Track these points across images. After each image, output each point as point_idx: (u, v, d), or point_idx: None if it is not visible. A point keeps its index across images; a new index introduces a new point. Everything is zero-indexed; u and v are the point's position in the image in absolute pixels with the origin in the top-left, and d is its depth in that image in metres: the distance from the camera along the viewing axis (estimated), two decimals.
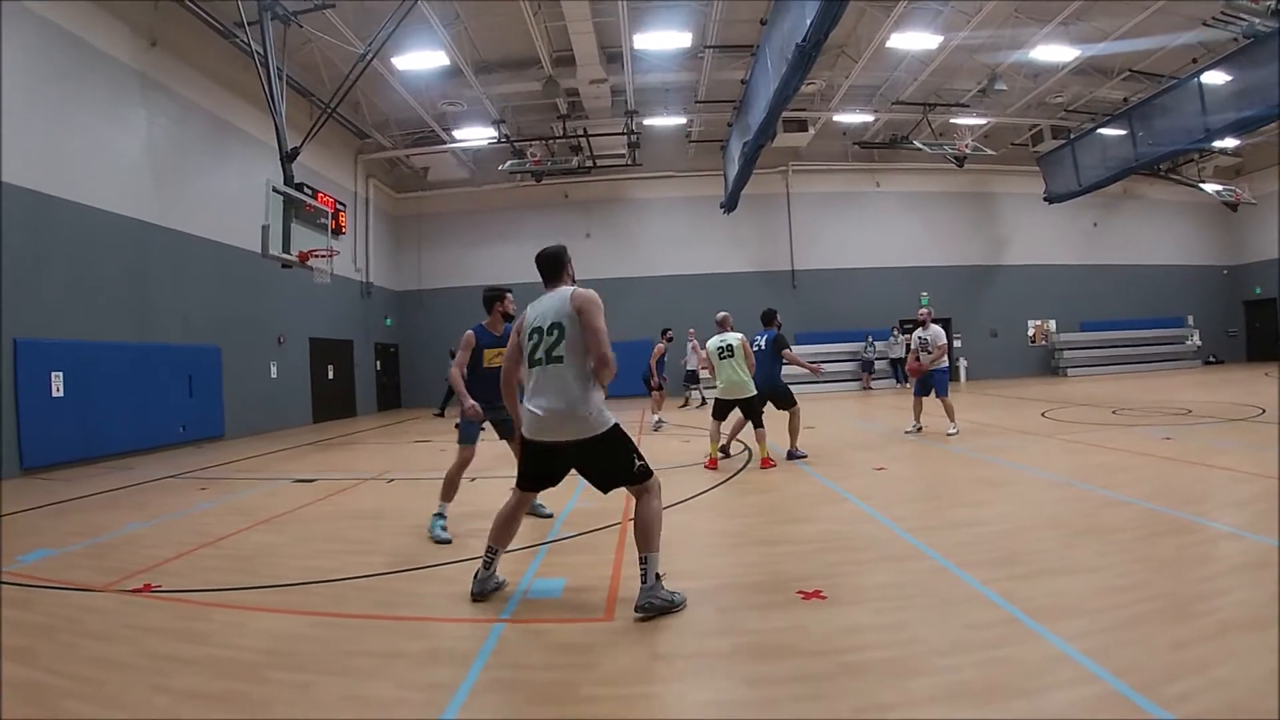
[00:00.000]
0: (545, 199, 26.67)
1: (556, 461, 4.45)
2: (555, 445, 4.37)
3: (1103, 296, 28.31)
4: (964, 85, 21.81)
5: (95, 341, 12.27)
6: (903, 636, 3.83)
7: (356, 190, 23.81)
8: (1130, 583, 4.39)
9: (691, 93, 22.07)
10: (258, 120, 16.76)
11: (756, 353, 10.04)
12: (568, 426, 4.29)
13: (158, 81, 14.37)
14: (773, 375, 10.09)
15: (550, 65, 19.28)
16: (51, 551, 6.23)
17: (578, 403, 4.27)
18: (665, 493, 8.02)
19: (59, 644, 4.08)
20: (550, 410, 4.30)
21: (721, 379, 9.75)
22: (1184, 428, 10.93)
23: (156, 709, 3.29)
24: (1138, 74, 20.73)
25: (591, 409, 4.29)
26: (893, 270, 27.00)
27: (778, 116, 14.69)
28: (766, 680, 3.44)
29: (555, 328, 4.37)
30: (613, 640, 4.00)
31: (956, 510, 6.72)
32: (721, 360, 9.70)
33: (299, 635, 4.19)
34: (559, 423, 4.30)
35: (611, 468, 4.42)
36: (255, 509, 8.11)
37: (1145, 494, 6.65)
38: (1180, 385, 18.78)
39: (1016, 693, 3.14)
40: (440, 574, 5.40)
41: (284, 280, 16.56)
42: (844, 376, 25.44)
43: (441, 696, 3.34)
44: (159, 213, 14.27)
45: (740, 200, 22.22)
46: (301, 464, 11.98)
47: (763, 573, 5.08)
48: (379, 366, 24.68)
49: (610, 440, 4.36)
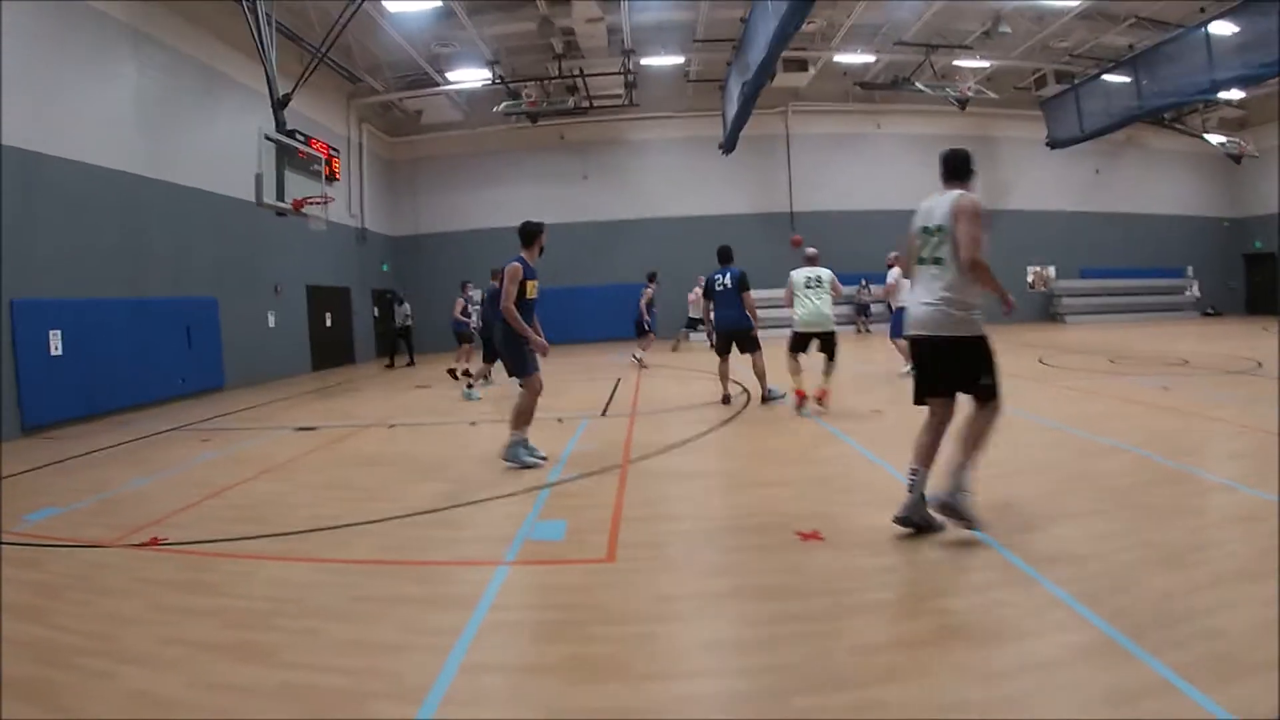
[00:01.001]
0: (541, 141, 26.29)
1: (939, 361, 4.52)
2: (928, 340, 4.49)
3: (1103, 244, 28.11)
4: (967, 26, 21.38)
5: (92, 298, 12.19)
6: (898, 578, 3.91)
7: (350, 135, 23.47)
8: (1123, 530, 4.46)
9: (689, 32, 21.66)
10: (248, 68, 16.43)
11: (721, 292, 10.03)
12: (939, 324, 4.41)
13: (146, 33, 14.05)
14: (741, 316, 9.98)
15: (545, 4, 18.89)
16: (58, 509, 6.27)
17: (949, 304, 4.37)
18: (664, 434, 8.17)
19: (70, 601, 4.15)
20: (925, 307, 4.45)
21: (805, 311, 9.52)
22: (1181, 378, 10.98)
23: (168, 661, 3.36)
24: (1144, 21, 20.27)
25: (960, 310, 4.38)
26: (893, 213, 26.55)
27: (777, 56, 14.45)
28: (765, 620, 3.52)
29: (939, 230, 4.47)
30: (615, 581, 4.08)
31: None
32: (807, 290, 9.50)
33: (305, 582, 4.27)
34: (931, 320, 4.43)
35: (963, 373, 4.47)
36: (258, 459, 8.18)
37: (1140, 442, 6.71)
38: (1178, 336, 18.79)
39: (1009, 636, 3.22)
40: (443, 519, 5.48)
41: (279, 229, 16.42)
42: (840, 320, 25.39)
43: (447, 639, 3.41)
44: (151, 165, 14.07)
45: (739, 141, 21.95)
46: (303, 412, 12.05)
47: (762, 514, 5.15)
48: (376, 313, 24.64)
49: (971, 347, 4.43)
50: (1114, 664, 2.90)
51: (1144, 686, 2.73)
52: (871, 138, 26.89)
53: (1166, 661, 2.85)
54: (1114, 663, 2.91)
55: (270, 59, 12.45)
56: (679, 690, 2.99)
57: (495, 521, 5.39)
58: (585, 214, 26.37)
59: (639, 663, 3.21)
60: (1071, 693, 2.76)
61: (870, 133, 26.87)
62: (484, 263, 25.48)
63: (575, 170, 26.60)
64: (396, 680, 3.11)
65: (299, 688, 3.07)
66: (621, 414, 10.01)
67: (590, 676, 3.09)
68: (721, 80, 22.02)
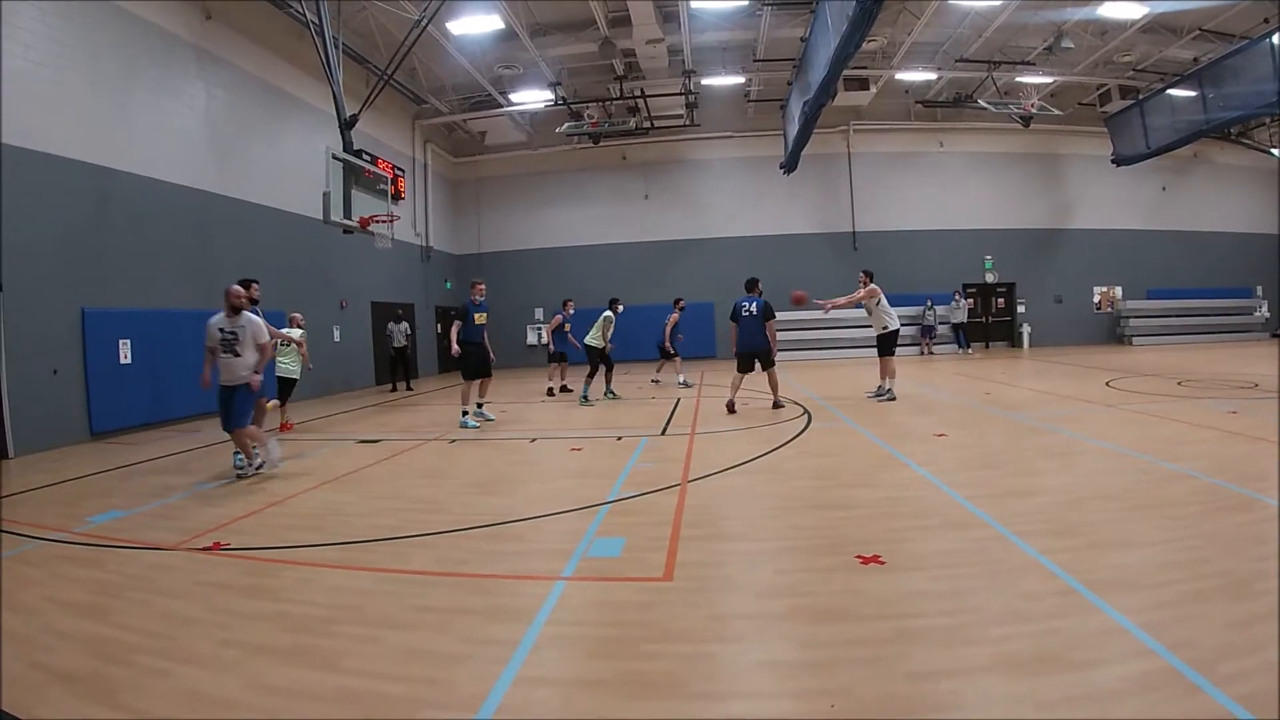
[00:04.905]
0: (603, 161, 26.55)
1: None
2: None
3: (1170, 263, 27.24)
4: (1029, 43, 21.01)
5: (161, 309, 12.62)
6: (959, 604, 3.81)
7: (415, 156, 23.99)
8: (1190, 558, 4.29)
9: (750, 51, 21.64)
10: (315, 89, 16.98)
11: (747, 318, 11.42)
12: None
13: (214, 54, 14.59)
14: (763, 339, 11.39)
15: (606, 26, 19.09)
16: (121, 512, 6.47)
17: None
18: (723, 454, 8.13)
19: (130, 601, 4.26)
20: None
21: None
22: (1250, 401, 10.55)
23: (226, 662, 3.42)
24: (1207, 33, 19.74)
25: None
26: (956, 233, 26.38)
27: (838, 75, 14.34)
28: (822, 643, 3.45)
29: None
30: (671, 600, 4.04)
31: (1017, 479, 6.61)
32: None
33: (365, 591, 4.32)
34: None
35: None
36: (321, 469, 8.33)
37: (1208, 468, 6.46)
38: (1247, 358, 18.08)
39: (1071, 664, 3.10)
40: (502, 532, 5.50)
41: (345, 246, 16.78)
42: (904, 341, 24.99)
43: (504, 651, 3.42)
44: (220, 182, 14.57)
45: (800, 160, 21.83)
46: (365, 425, 12.24)
47: (821, 537, 5.07)
48: (439, 329, 24.97)
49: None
50: (1177, 695, 2.79)
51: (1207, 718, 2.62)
52: (934, 156, 26.52)
53: (1231, 694, 2.74)
54: (1177, 694, 2.80)
55: (337, 80, 12.76)
56: (732, 710, 2.94)
57: (554, 537, 5.39)
58: (647, 234, 26.52)
59: (693, 681, 3.16)
60: None
61: (933, 151, 26.51)
62: (547, 282, 26.04)
63: (637, 190, 26.76)
64: (452, 689, 3.12)
65: (355, 693, 3.10)
66: (681, 432, 9.97)
67: (644, 693, 3.07)
68: (782, 100, 22.00)
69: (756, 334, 11.37)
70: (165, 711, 2.99)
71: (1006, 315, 27.25)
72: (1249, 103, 17.61)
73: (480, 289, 11.84)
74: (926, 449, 8.11)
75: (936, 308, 24.89)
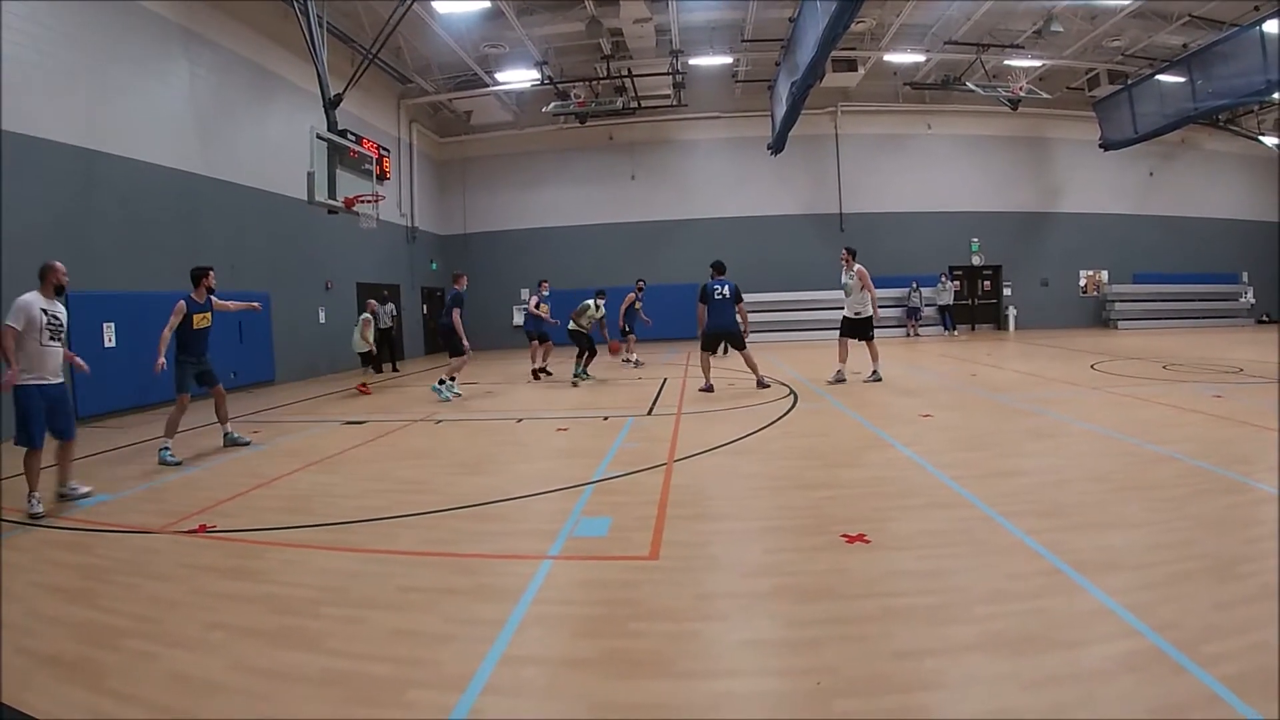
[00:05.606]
0: (590, 141, 26.39)
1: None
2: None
3: (1156, 248, 27.37)
4: (1019, 26, 20.96)
5: (146, 292, 12.47)
6: (945, 584, 3.83)
7: (400, 135, 23.80)
8: (1175, 540, 4.33)
9: (738, 31, 21.54)
10: (300, 69, 16.78)
11: (720, 300, 11.49)
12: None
13: (199, 34, 14.39)
14: (734, 321, 11.58)
15: (593, 5, 18.93)
16: (108, 496, 6.46)
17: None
18: (709, 434, 8.14)
19: (118, 584, 4.25)
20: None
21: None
22: (1235, 386, 10.64)
23: (213, 644, 3.42)
24: (1197, 19, 19.78)
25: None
26: (943, 215, 26.39)
27: (827, 56, 14.27)
28: (808, 621, 3.47)
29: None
30: (657, 579, 4.05)
31: (1003, 460, 6.66)
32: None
33: (351, 572, 4.32)
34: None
35: None
36: (307, 451, 8.31)
37: (1194, 451, 6.51)
38: (1232, 343, 18.19)
39: (1056, 644, 3.13)
40: (489, 512, 5.51)
41: (331, 226, 16.69)
42: (890, 323, 25.04)
43: (490, 631, 3.43)
44: (205, 164, 14.41)
45: (788, 141, 21.75)
46: (351, 406, 12.19)
47: (807, 516, 5.09)
48: (425, 310, 24.89)
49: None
50: (1162, 675, 2.82)
51: (1192, 699, 2.65)
52: (922, 138, 26.48)
53: (1215, 674, 2.77)
54: (1162, 674, 2.83)
55: (321, 59, 12.66)
56: (718, 688, 2.96)
57: (540, 516, 5.40)
58: (633, 214, 26.43)
59: (679, 660, 3.19)
60: (1117, 703, 2.67)
61: (921, 133, 26.47)
62: (533, 262, 25.89)
63: (623, 170, 26.64)
64: (437, 669, 3.13)
65: (341, 674, 3.11)
66: (668, 412, 9.98)
67: (630, 672, 3.08)
68: (770, 80, 21.87)
69: (729, 316, 11.56)
70: (153, 695, 2.99)
71: (992, 298, 27.33)
72: (1237, 90, 17.69)
73: (464, 279, 12.49)
74: (912, 430, 8.14)
75: (922, 289, 24.93)
